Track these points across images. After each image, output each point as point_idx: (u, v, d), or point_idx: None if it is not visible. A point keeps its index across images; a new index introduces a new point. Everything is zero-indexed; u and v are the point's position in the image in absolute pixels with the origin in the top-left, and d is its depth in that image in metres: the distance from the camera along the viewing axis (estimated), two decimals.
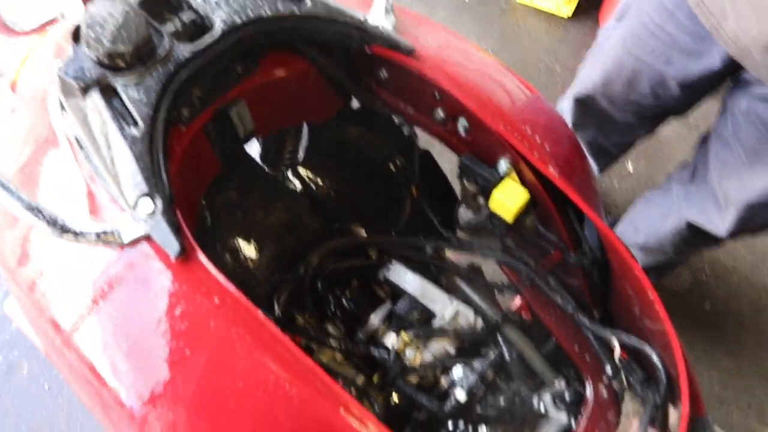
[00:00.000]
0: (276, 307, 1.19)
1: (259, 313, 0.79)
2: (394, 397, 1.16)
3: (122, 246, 0.81)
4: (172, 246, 0.78)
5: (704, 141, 1.62)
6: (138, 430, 0.79)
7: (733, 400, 2.18)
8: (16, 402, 2.23)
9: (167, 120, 0.84)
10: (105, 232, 0.79)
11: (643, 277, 0.93)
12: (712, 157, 1.55)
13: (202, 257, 0.80)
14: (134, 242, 0.80)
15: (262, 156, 1.36)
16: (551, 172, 0.95)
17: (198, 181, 1.03)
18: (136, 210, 0.80)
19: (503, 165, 1.00)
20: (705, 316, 2.35)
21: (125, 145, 0.80)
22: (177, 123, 0.92)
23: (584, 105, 1.82)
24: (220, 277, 0.80)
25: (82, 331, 0.82)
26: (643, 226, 1.97)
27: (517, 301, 1.54)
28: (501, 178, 1.01)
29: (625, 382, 1.05)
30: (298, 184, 1.42)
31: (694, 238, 1.77)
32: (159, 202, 0.79)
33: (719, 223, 1.59)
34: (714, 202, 1.58)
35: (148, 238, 0.80)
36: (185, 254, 0.80)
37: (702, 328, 2.32)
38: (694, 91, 1.50)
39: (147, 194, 0.79)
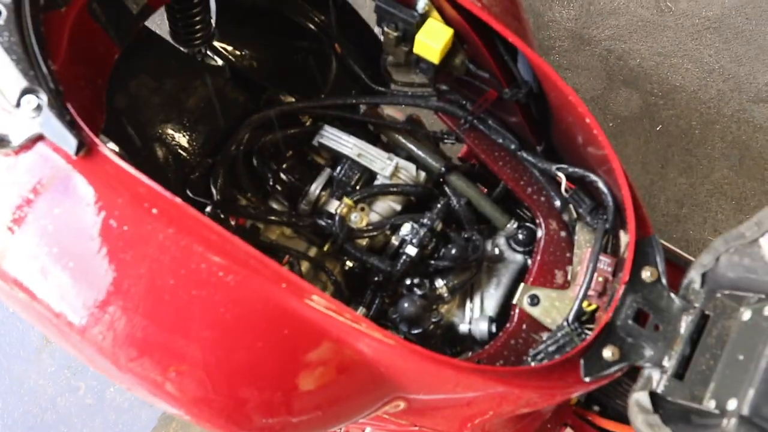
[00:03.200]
0: (214, 191, 1.14)
1: (178, 200, 0.74)
2: (349, 263, 1.15)
3: (16, 151, 0.74)
4: (68, 142, 0.72)
5: None
6: (88, 344, 0.77)
7: (689, 217, 2.25)
8: None
9: (35, 2, 0.74)
10: None
11: (579, 103, 0.90)
12: None
13: (105, 149, 0.74)
14: (27, 145, 0.74)
15: (172, 35, 1.26)
16: (473, 3, 0.88)
17: (96, 69, 0.94)
18: (20, 109, 0.72)
19: (422, 3, 0.94)
20: (657, 137, 2.37)
21: None
22: (51, 6, 0.82)
23: None
24: (130, 168, 0.74)
25: (6, 257, 0.77)
26: None
27: (463, 149, 1.52)
28: (422, 19, 0.95)
29: (574, 213, 1.06)
30: (218, 60, 1.33)
31: None
32: (44, 96, 0.72)
33: None
34: None
35: (41, 138, 0.74)
36: (86, 149, 0.73)
37: (655, 150, 2.35)
38: None
39: (28, 89, 0.72)
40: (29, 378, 2.09)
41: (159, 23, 1.26)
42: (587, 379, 0.84)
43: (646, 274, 0.88)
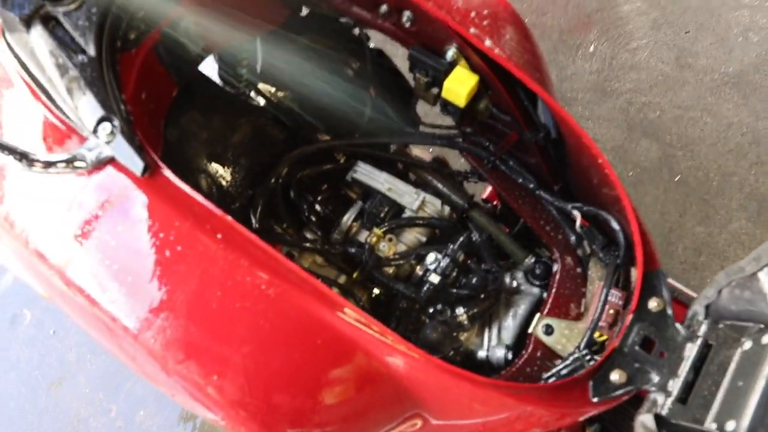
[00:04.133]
0: (253, 220, 1.24)
1: (229, 218, 0.83)
2: (376, 291, 1.23)
3: (90, 171, 0.84)
4: (136, 164, 0.82)
5: None
6: (140, 347, 0.85)
7: (707, 266, 2.28)
8: (26, 350, 2.32)
9: (113, 43, 0.86)
10: (71, 159, 0.82)
11: (593, 146, 0.98)
12: None
13: (168, 172, 0.84)
14: (100, 166, 0.84)
15: (221, 76, 1.38)
16: (497, 54, 0.98)
17: (157, 103, 1.05)
18: (96, 134, 0.83)
19: (450, 52, 1.03)
20: (675, 187, 2.43)
21: (76, 73, 0.82)
22: (125, 48, 0.93)
23: None
24: (188, 189, 0.84)
25: (72, 265, 0.87)
26: None
27: (487, 189, 1.60)
28: (450, 66, 1.04)
29: (588, 249, 1.12)
30: (261, 100, 1.44)
31: None
32: (117, 124, 0.82)
33: None
34: None
35: (112, 160, 0.84)
36: (150, 170, 0.83)
37: (673, 200, 2.40)
38: None
39: (105, 118, 0.82)
40: (64, 398, 2.18)
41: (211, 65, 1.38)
42: (595, 400, 0.90)
43: (653, 304, 0.94)
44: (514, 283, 1.21)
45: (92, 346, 2.22)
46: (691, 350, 0.89)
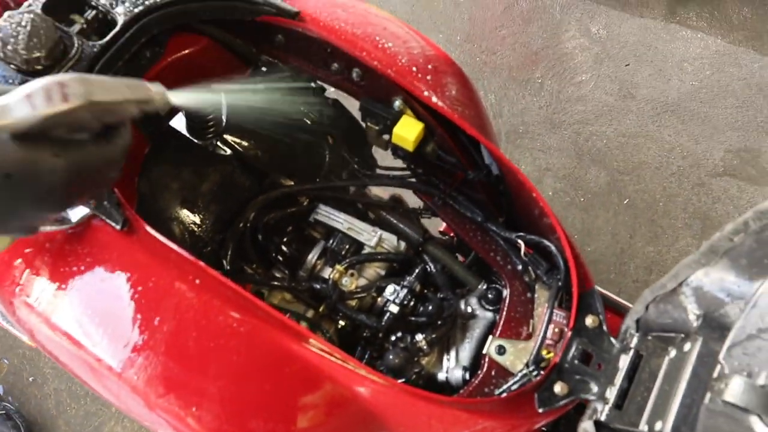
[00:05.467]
0: (224, 263, 1.32)
1: (201, 263, 0.92)
2: (341, 322, 1.32)
3: (73, 227, 0.93)
4: (115, 219, 0.91)
5: None
6: (124, 384, 0.93)
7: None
8: (5, 397, 2.34)
9: None
10: (57, 217, 0.90)
11: (527, 182, 1.09)
12: None
13: (145, 225, 0.93)
14: (83, 222, 0.93)
15: (189, 130, 1.47)
16: (438, 104, 1.09)
17: (131, 161, 1.14)
18: None
19: (397, 103, 1.14)
20: (624, 210, 2.57)
21: None
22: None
23: None
24: (163, 239, 0.92)
25: (58, 312, 0.95)
26: None
27: (443, 224, 1.70)
28: (398, 115, 1.15)
29: (533, 274, 1.22)
30: (227, 150, 1.52)
31: None
32: None
33: None
34: None
35: (93, 216, 0.92)
36: (129, 224, 0.92)
37: (623, 222, 2.55)
38: None
39: None
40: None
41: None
42: (541, 410, 0.99)
43: (589, 321, 1.03)
44: (469, 309, 1.30)
45: (71, 391, 2.26)
46: (624, 361, 0.98)
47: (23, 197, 0.63)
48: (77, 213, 0.92)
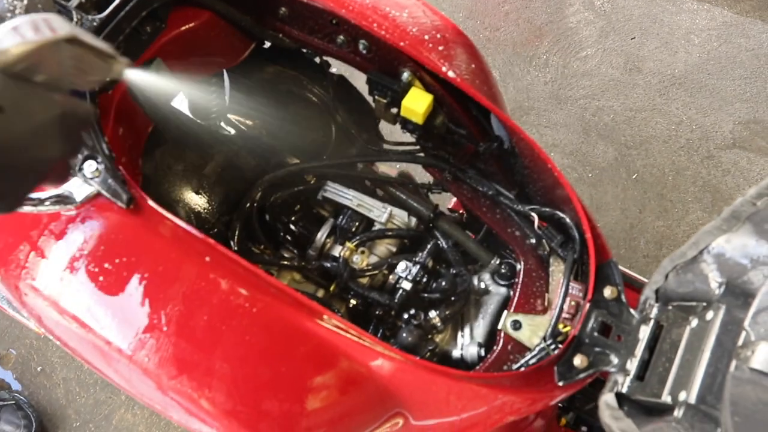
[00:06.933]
0: (232, 244, 1.30)
1: (210, 240, 0.90)
2: (353, 301, 1.30)
3: (78, 206, 0.90)
4: (120, 197, 0.88)
5: None
6: (135, 367, 0.91)
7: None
8: (14, 387, 2.33)
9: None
10: (59, 196, 0.88)
11: (541, 152, 1.06)
12: None
13: (151, 202, 0.90)
14: (87, 201, 0.90)
15: (191, 109, 1.44)
16: (446, 73, 1.06)
17: (134, 139, 1.11)
18: (82, 172, 0.89)
19: (405, 75, 1.11)
20: (633, 185, 2.54)
21: None
22: (103, 90, 1.00)
23: None
24: (170, 216, 0.90)
25: (65, 295, 0.93)
26: None
27: (453, 199, 1.68)
28: (406, 87, 1.12)
29: (547, 247, 1.20)
30: (231, 130, 1.50)
31: None
32: (101, 161, 0.89)
33: None
34: None
35: (98, 195, 0.90)
36: (135, 202, 0.90)
37: (632, 197, 2.52)
38: None
39: (89, 156, 0.89)
40: None
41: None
42: (561, 384, 0.97)
43: (608, 292, 1.01)
44: (482, 284, 1.29)
45: (80, 380, 2.25)
46: (645, 332, 0.96)
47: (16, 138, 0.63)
48: (81, 192, 0.89)
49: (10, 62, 0.61)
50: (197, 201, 1.35)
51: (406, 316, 1.23)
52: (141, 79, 0.93)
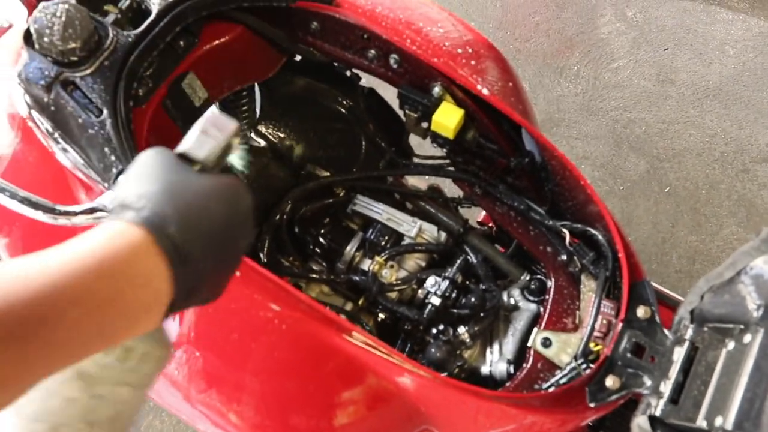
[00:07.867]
0: (261, 255, 1.30)
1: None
2: (381, 315, 1.29)
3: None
4: None
5: None
6: (164, 379, 0.92)
7: (701, 272, 2.33)
8: None
9: (126, 101, 0.93)
10: (92, 209, 0.89)
11: (574, 168, 1.05)
12: None
13: None
14: None
15: None
16: (478, 89, 1.06)
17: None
18: (116, 184, 0.90)
19: (436, 89, 1.11)
20: (666, 198, 2.50)
21: (94, 131, 0.90)
22: (137, 104, 1.01)
23: None
24: None
25: None
26: None
27: (482, 213, 1.67)
28: (437, 102, 1.12)
29: (579, 264, 1.18)
30: (261, 142, 1.51)
31: None
32: None
33: None
34: None
35: None
36: None
37: (664, 210, 2.47)
38: None
39: (123, 170, 0.89)
40: None
41: None
42: (592, 405, 0.96)
43: (641, 312, 0.99)
44: (512, 300, 1.27)
45: None
46: (679, 353, 0.94)
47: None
48: (113, 204, 0.90)
49: (209, 166, 0.64)
50: None
51: (434, 331, 1.22)
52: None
